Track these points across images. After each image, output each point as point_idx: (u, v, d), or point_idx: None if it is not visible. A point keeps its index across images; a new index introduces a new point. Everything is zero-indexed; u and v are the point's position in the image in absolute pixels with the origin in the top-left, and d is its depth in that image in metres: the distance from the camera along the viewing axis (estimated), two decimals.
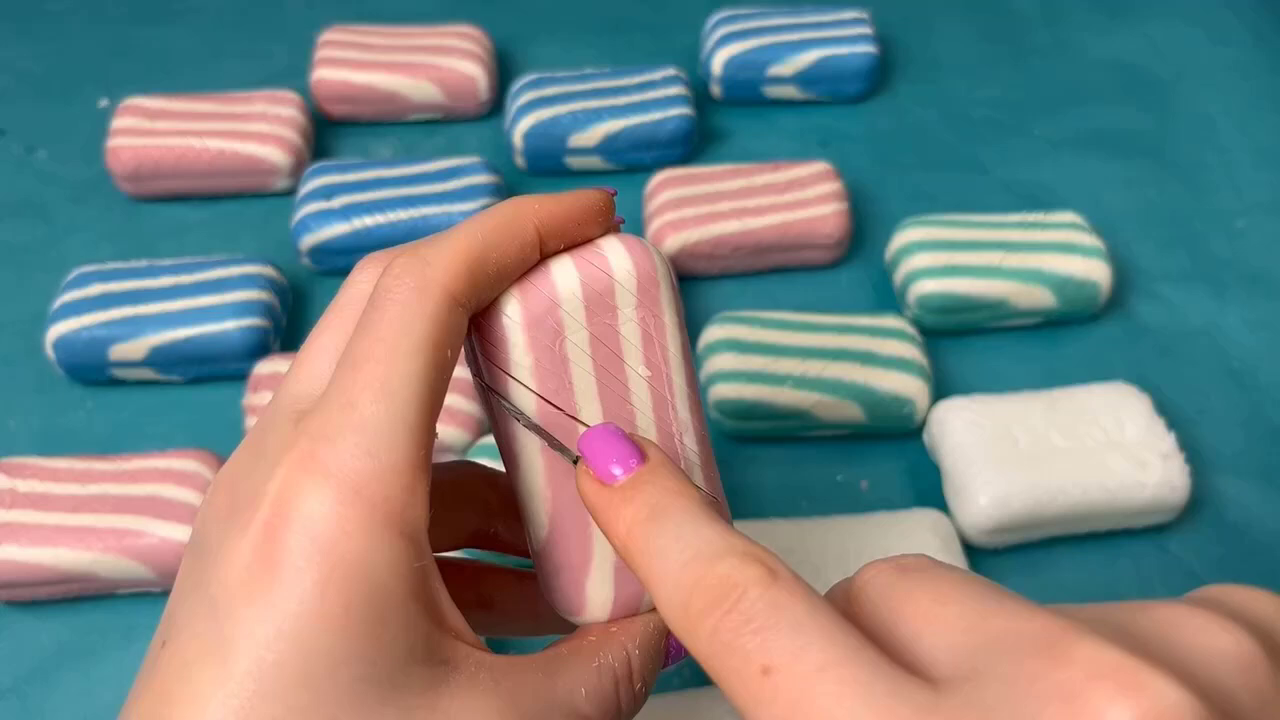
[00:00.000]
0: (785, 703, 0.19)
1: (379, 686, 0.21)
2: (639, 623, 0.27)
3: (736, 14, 0.63)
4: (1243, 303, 0.54)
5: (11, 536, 0.41)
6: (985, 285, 0.50)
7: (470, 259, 0.23)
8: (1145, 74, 0.66)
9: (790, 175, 0.55)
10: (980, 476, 0.43)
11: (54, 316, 0.48)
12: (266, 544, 0.21)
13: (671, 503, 0.23)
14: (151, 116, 0.57)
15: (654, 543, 0.23)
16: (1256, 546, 0.45)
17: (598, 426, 0.26)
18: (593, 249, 0.26)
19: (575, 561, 0.26)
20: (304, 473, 0.21)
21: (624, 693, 0.26)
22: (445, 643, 0.23)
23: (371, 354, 0.22)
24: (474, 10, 0.67)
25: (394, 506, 0.22)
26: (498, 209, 0.25)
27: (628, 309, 0.25)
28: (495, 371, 0.25)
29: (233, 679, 0.20)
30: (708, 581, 0.21)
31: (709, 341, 0.48)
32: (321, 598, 0.21)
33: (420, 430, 0.22)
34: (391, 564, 0.21)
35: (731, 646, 0.20)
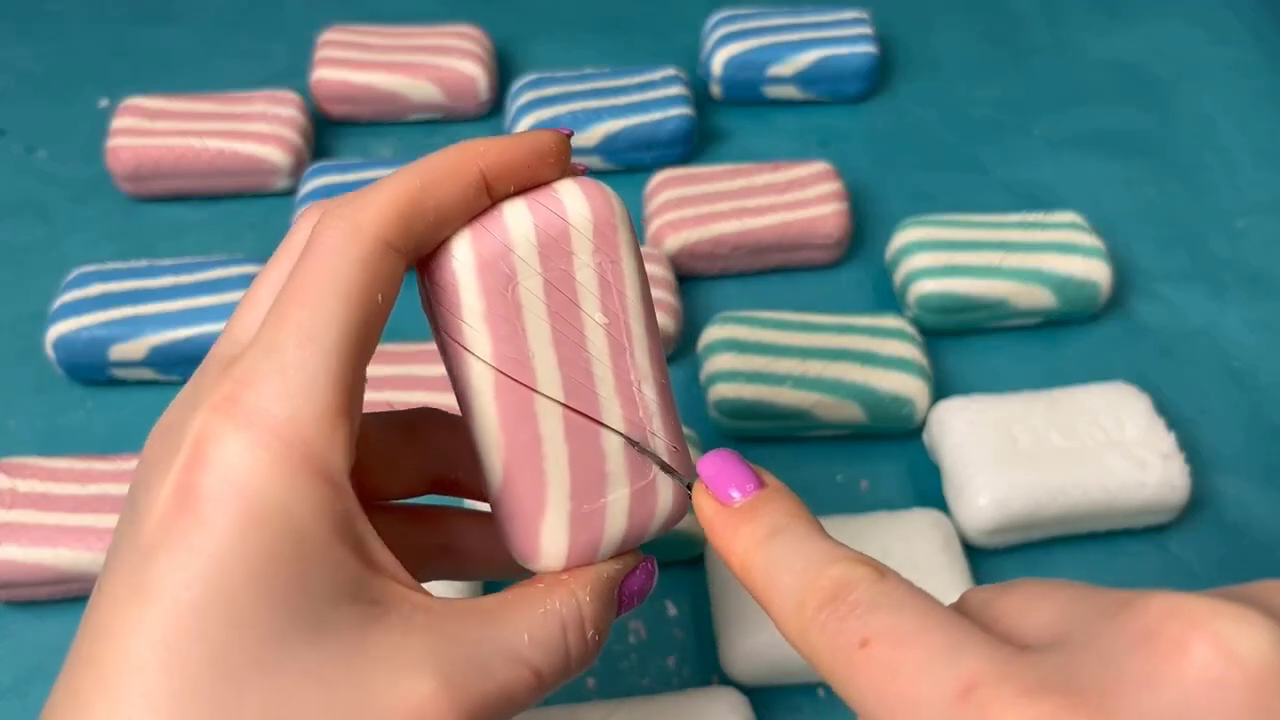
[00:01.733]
0: (877, 669, 0.20)
1: (304, 626, 0.21)
2: (591, 570, 0.27)
3: (736, 14, 0.63)
4: (1243, 303, 0.54)
5: (11, 536, 0.41)
6: (985, 285, 0.50)
7: (405, 202, 0.23)
8: (1145, 74, 0.66)
9: (790, 175, 0.55)
10: (980, 476, 0.43)
11: (54, 316, 0.48)
12: (184, 487, 0.21)
13: (789, 523, 0.25)
14: (151, 116, 0.57)
15: (772, 558, 0.24)
16: (1256, 546, 0.45)
17: (717, 451, 0.26)
18: (548, 193, 0.25)
19: (530, 508, 0.26)
20: (223, 416, 0.22)
21: (573, 639, 0.25)
22: (375, 583, 0.23)
23: (296, 299, 0.22)
24: (474, 10, 0.67)
25: (313, 450, 0.22)
26: (441, 152, 0.24)
27: (584, 254, 0.25)
28: (446, 316, 0.25)
29: (156, 619, 0.21)
30: (822, 582, 0.22)
31: (709, 341, 0.48)
32: (239, 539, 0.21)
33: (344, 375, 0.22)
34: (311, 506, 0.22)
35: (838, 631, 0.21)
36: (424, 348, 0.47)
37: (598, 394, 0.26)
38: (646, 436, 0.27)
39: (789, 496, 0.26)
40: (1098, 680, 0.18)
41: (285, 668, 0.21)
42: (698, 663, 0.42)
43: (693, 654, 0.42)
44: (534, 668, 0.24)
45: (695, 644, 0.42)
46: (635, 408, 0.26)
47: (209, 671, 0.20)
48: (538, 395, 0.25)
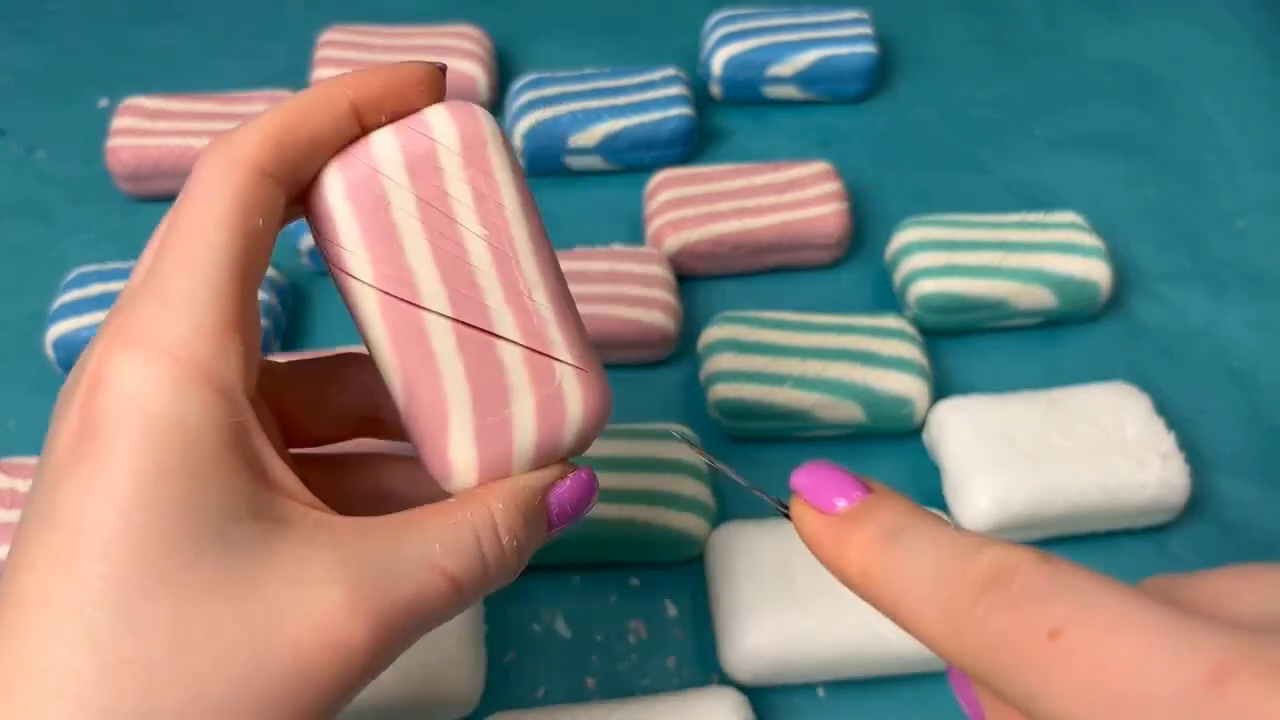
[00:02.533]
0: (1082, 661, 0.17)
1: (203, 541, 0.22)
2: (507, 482, 0.27)
3: (736, 14, 0.63)
4: (1243, 303, 0.54)
5: (12, 536, 0.41)
6: (985, 285, 0.50)
7: (277, 130, 0.24)
8: (1145, 74, 0.66)
9: (790, 175, 0.55)
10: (980, 476, 0.43)
11: (54, 316, 0.48)
12: (85, 412, 0.22)
13: (910, 520, 0.22)
14: (151, 116, 0.57)
15: (898, 556, 0.21)
16: (1256, 546, 0.45)
17: (812, 463, 0.24)
18: (416, 118, 0.26)
19: (434, 426, 0.26)
20: (115, 342, 0.22)
21: (488, 545, 0.26)
22: (276, 500, 0.23)
23: (176, 228, 0.23)
24: (474, 10, 0.67)
25: (203, 364, 0.22)
26: (314, 85, 0.26)
27: (455, 170, 0.25)
28: (326, 245, 0.25)
29: (61, 542, 0.21)
30: (972, 573, 0.20)
31: (709, 341, 0.48)
32: (135, 457, 0.21)
33: (229, 293, 0.23)
34: (203, 418, 0.22)
35: (1010, 623, 0.18)
36: None
37: (487, 305, 0.26)
38: (546, 343, 0.27)
39: (902, 498, 0.23)
40: None
41: (186, 582, 0.21)
42: (698, 663, 0.42)
43: (693, 654, 0.42)
44: (448, 574, 0.25)
45: (695, 644, 0.42)
46: (529, 316, 0.27)
47: (108, 591, 0.21)
48: (425, 312, 0.26)
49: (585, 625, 0.42)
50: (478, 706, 0.39)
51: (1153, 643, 0.17)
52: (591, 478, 0.29)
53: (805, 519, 0.24)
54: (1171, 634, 0.17)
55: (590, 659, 0.42)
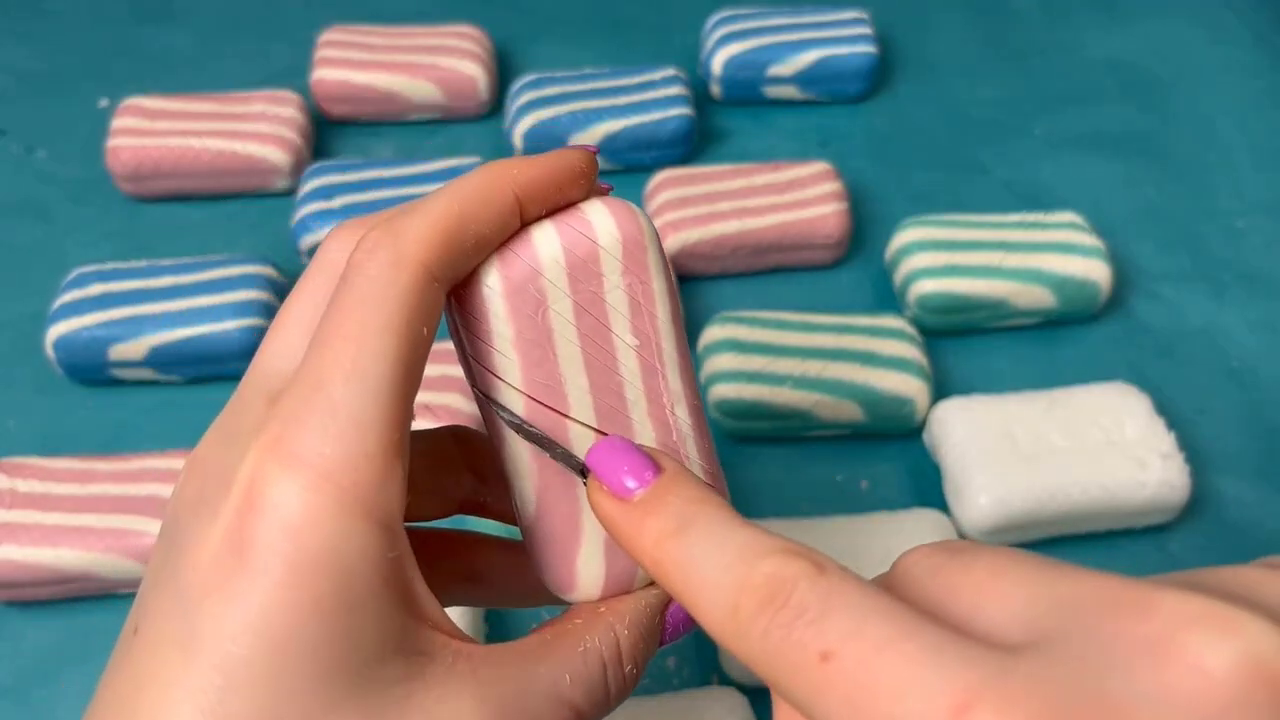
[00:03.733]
0: (848, 685, 0.18)
1: (350, 679, 0.21)
2: (629, 602, 0.26)
3: (736, 14, 0.63)
4: (1243, 303, 0.54)
5: (11, 536, 0.41)
6: (985, 285, 0.50)
7: (447, 230, 0.22)
8: (1145, 74, 0.66)
9: (790, 175, 0.55)
10: (980, 476, 0.43)
11: (54, 316, 0.48)
12: (235, 532, 0.20)
13: (699, 511, 0.22)
14: (151, 116, 0.57)
15: (688, 553, 0.22)
16: (1256, 546, 0.45)
17: (605, 439, 0.25)
18: (576, 214, 0.24)
19: (564, 538, 0.26)
20: (273, 458, 0.21)
21: (612, 676, 0.25)
22: (421, 633, 0.22)
23: (341, 332, 0.21)
24: (474, 10, 0.67)
25: (365, 493, 0.21)
26: (475, 174, 0.24)
27: (614, 276, 0.24)
28: (476, 343, 0.24)
29: (200, 671, 0.20)
30: (754, 582, 0.20)
31: (709, 341, 0.48)
32: (290, 588, 0.20)
33: (394, 412, 0.21)
34: (363, 552, 0.21)
35: (786, 642, 0.19)
36: None
37: (630, 418, 0.25)
38: (681, 458, 0.26)
39: (692, 480, 0.23)
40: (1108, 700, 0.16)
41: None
42: (697, 663, 0.42)
43: (693, 654, 0.42)
44: (575, 707, 0.24)
45: (695, 644, 0.42)
46: (669, 431, 0.26)
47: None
48: (571, 422, 0.25)
49: None
50: None
51: (910, 669, 0.18)
52: None
53: (600, 502, 0.24)
54: (929, 660, 0.18)
55: None
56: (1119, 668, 0.17)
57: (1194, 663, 0.16)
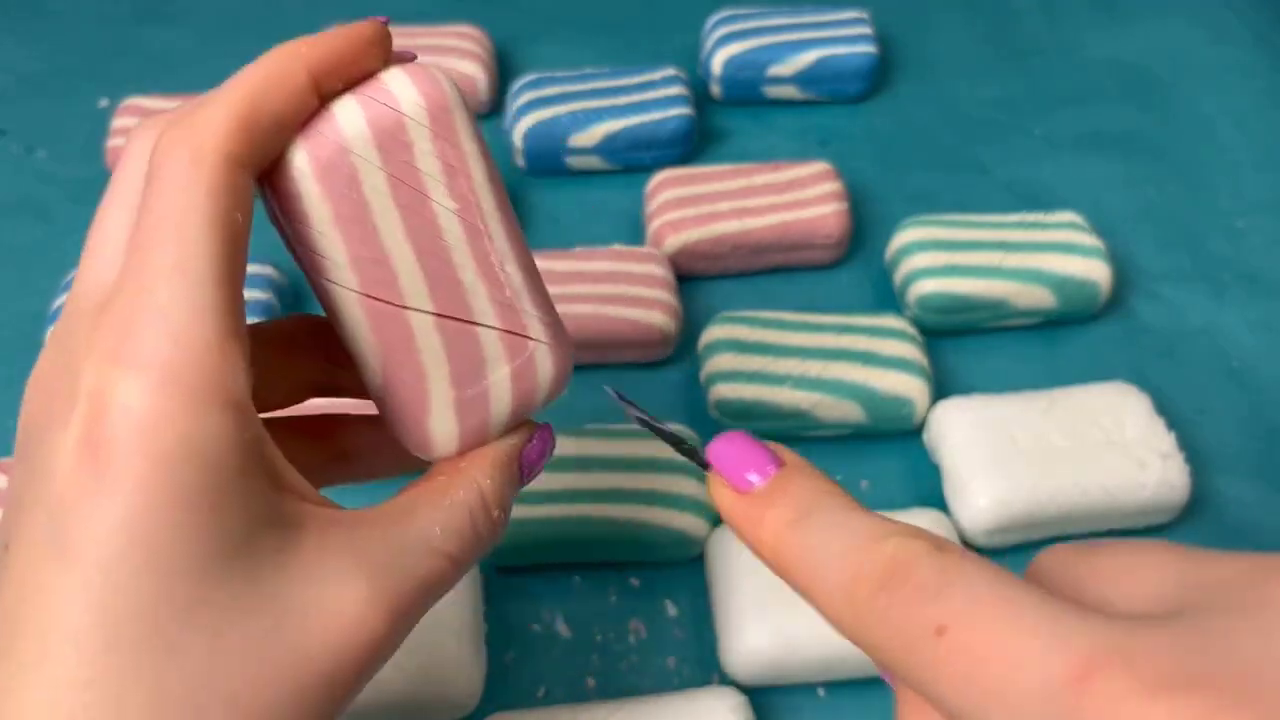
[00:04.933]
0: (963, 656, 0.18)
1: (226, 558, 0.21)
2: (487, 453, 0.27)
3: (736, 14, 0.63)
4: (1243, 303, 0.54)
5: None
6: (985, 285, 0.50)
7: (242, 115, 0.23)
8: (1145, 74, 0.66)
9: (790, 175, 0.55)
10: (980, 476, 0.43)
11: (54, 316, 0.48)
12: (89, 440, 0.21)
13: (818, 500, 0.23)
14: (151, 116, 0.57)
15: (808, 540, 0.22)
16: (1256, 546, 0.45)
17: (727, 434, 0.25)
18: (377, 85, 0.25)
19: (414, 402, 0.26)
20: (114, 364, 0.21)
21: (480, 521, 0.26)
22: (289, 505, 0.23)
23: (157, 234, 0.22)
24: (474, 10, 0.67)
25: (210, 382, 0.21)
26: (263, 59, 0.24)
27: (423, 143, 0.25)
28: (296, 226, 0.24)
29: (78, 574, 0.20)
30: (873, 563, 0.20)
31: (709, 341, 0.48)
32: (153, 485, 0.21)
33: (222, 300, 0.22)
34: (220, 440, 0.21)
35: (904, 619, 0.19)
36: None
37: (461, 280, 0.26)
38: (518, 313, 0.27)
39: (815, 473, 0.24)
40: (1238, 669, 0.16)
41: (214, 604, 0.21)
42: (698, 663, 0.42)
43: (693, 654, 0.42)
44: (449, 555, 0.25)
45: (695, 644, 0.42)
46: (501, 287, 0.26)
47: (137, 618, 0.21)
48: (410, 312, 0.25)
49: (585, 625, 0.42)
50: (478, 706, 0.39)
51: (1027, 639, 0.17)
52: (552, 432, 0.30)
53: (721, 495, 0.24)
54: (1045, 629, 0.17)
55: (590, 659, 0.42)
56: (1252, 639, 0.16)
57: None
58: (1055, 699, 0.17)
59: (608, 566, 0.44)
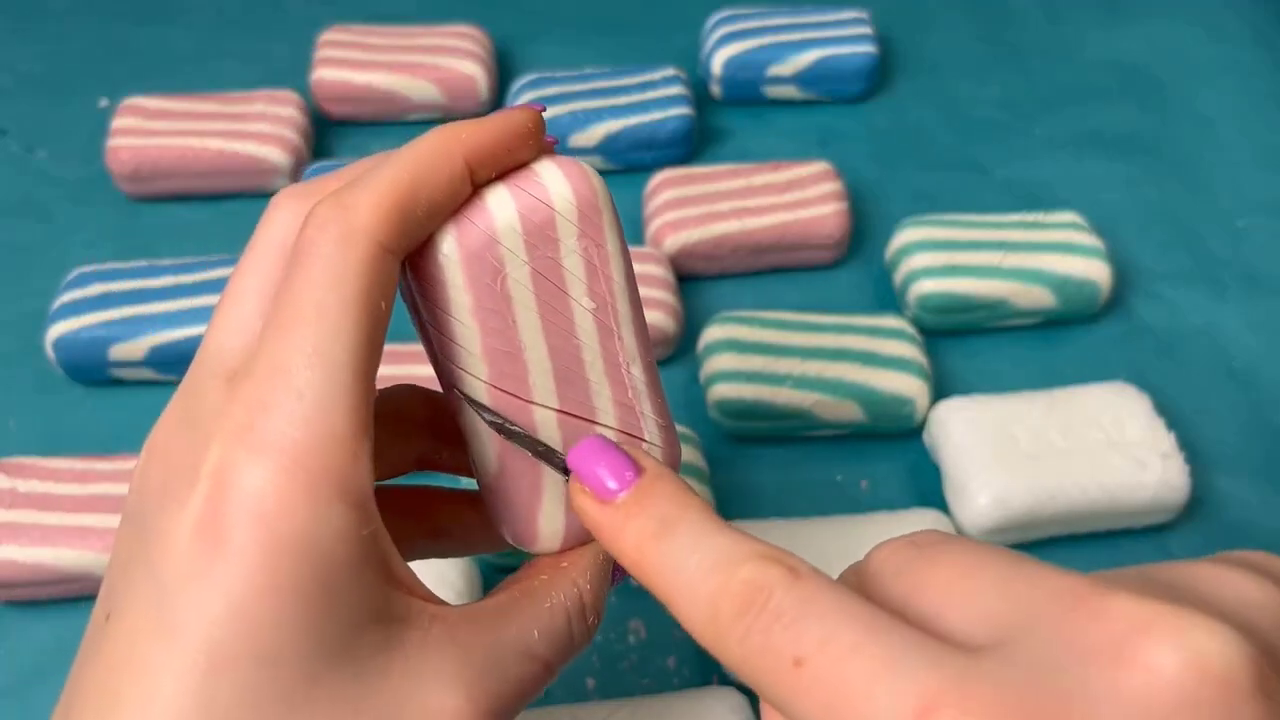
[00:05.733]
0: (822, 689, 0.19)
1: (332, 653, 0.21)
2: (587, 555, 0.27)
3: (736, 14, 0.63)
4: (1243, 303, 0.54)
5: (11, 536, 0.41)
6: (985, 285, 0.50)
7: (398, 201, 0.22)
8: (1145, 74, 0.66)
9: (790, 175, 0.55)
10: (980, 476, 0.43)
11: (54, 316, 0.48)
12: (209, 520, 0.21)
13: (680, 514, 0.23)
14: (151, 116, 0.57)
15: (669, 558, 0.22)
16: (1256, 546, 0.45)
17: (585, 440, 0.25)
18: (528, 176, 0.24)
19: (526, 496, 0.26)
20: (241, 445, 0.21)
21: (577, 628, 0.26)
22: (397, 600, 0.23)
23: (300, 313, 0.21)
24: (474, 10, 0.67)
25: (336, 475, 0.21)
26: (423, 140, 0.23)
27: (569, 240, 0.24)
28: (435, 312, 0.24)
29: (184, 655, 0.20)
30: (732, 588, 0.21)
31: (709, 341, 0.48)
32: (268, 574, 0.20)
33: (358, 390, 0.21)
34: (339, 534, 0.21)
35: (764, 646, 0.20)
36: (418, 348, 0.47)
37: (588, 379, 0.26)
38: (637, 417, 0.27)
39: (674, 481, 0.24)
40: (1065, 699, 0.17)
41: (315, 699, 0.21)
42: (698, 663, 0.42)
43: (693, 654, 0.42)
44: (545, 661, 0.25)
45: (695, 644, 0.42)
46: (624, 389, 0.26)
47: (238, 707, 0.20)
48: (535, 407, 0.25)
49: None
50: None
51: (878, 674, 0.18)
52: None
53: (584, 505, 0.24)
54: (896, 663, 0.18)
55: (590, 659, 0.42)
56: (1076, 669, 0.18)
57: (1145, 664, 0.17)
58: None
59: None
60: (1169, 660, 0.17)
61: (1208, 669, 0.17)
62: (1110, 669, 0.17)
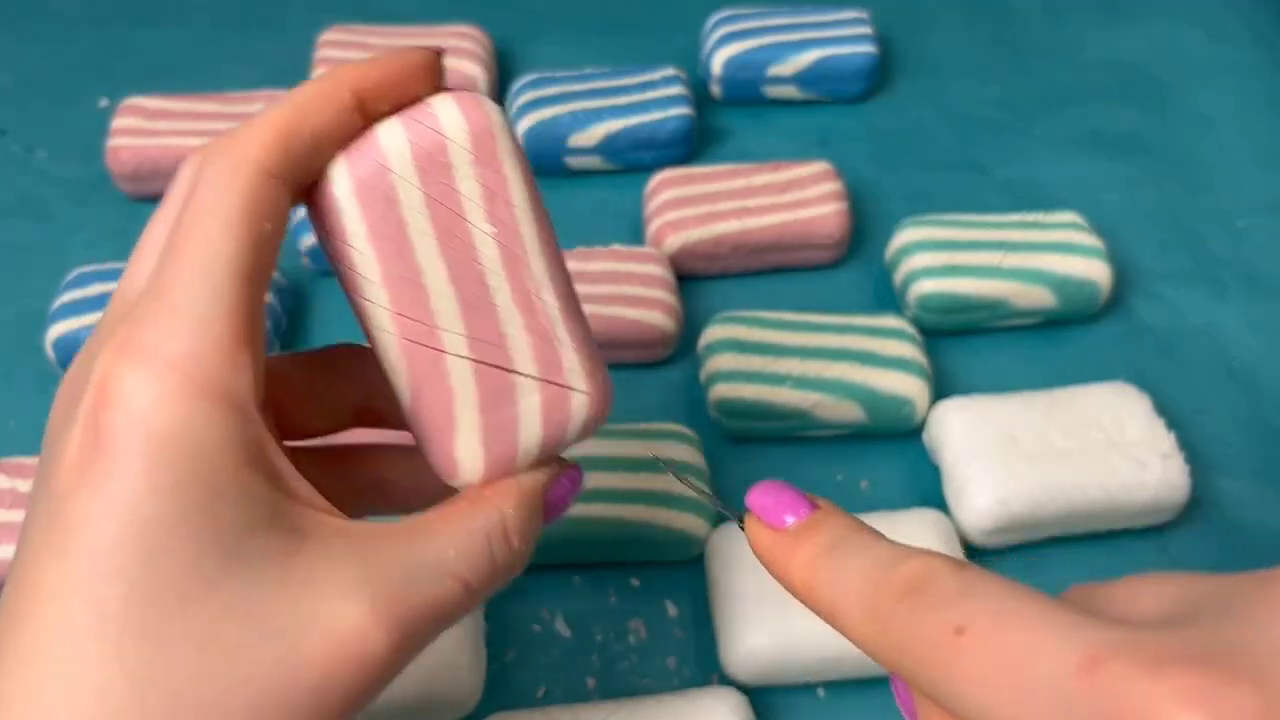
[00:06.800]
0: (979, 653, 0.19)
1: (224, 556, 0.21)
2: (513, 483, 0.27)
3: (736, 14, 0.63)
4: (1243, 303, 0.54)
5: (12, 536, 0.41)
6: (985, 285, 0.50)
7: (281, 129, 0.23)
8: (1145, 74, 0.66)
9: (790, 175, 0.55)
10: (980, 476, 0.43)
11: (54, 316, 0.48)
12: (91, 428, 0.21)
13: (848, 535, 0.24)
14: (151, 116, 0.57)
15: (835, 565, 0.23)
16: (1256, 546, 0.45)
17: (766, 482, 0.26)
18: (422, 108, 0.25)
19: (441, 424, 0.26)
20: (122, 356, 0.22)
21: (497, 548, 0.26)
22: (293, 510, 0.23)
23: (183, 236, 0.23)
24: (474, 10, 0.67)
25: (214, 378, 0.22)
26: (311, 80, 0.25)
27: (464, 166, 0.25)
28: (334, 243, 0.25)
29: (75, 564, 0.21)
30: (895, 580, 0.22)
31: (709, 341, 0.48)
32: (149, 475, 0.21)
33: (239, 303, 0.22)
34: (219, 436, 0.22)
35: (923, 623, 0.21)
36: None
37: (495, 304, 0.26)
38: (552, 341, 0.27)
39: (845, 514, 0.25)
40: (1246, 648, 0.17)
41: (209, 599, 0.21)
42: (698, 663, 0.42)
43: (693, 654, 0.42)
44: (461, 579, 0.25)
45: (695, 644, 0.42)
46: (536, 315, 0.26)
47: (131, 609, 0.20)
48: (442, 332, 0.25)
49: (585, 625, 0.42)
50: (478, 706, 0.39)
51: (1040, 635, 0.19)
52: (581, 473, 0.30)
53: (758, 535, 0.26)
54: (1056, 627, 0.19)
55: (590, 659, 0.42)
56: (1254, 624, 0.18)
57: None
58: (1067, 687, 0.18)
59: (608, 566, 0.44)
60: None
61: None
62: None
